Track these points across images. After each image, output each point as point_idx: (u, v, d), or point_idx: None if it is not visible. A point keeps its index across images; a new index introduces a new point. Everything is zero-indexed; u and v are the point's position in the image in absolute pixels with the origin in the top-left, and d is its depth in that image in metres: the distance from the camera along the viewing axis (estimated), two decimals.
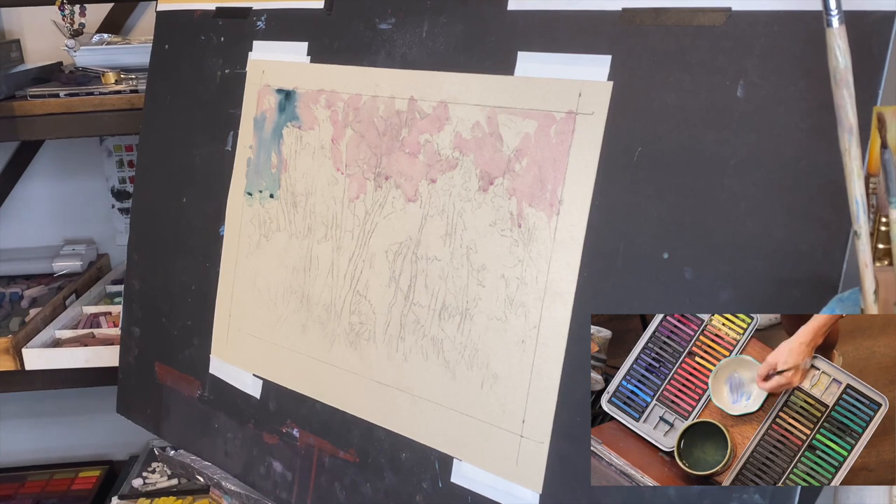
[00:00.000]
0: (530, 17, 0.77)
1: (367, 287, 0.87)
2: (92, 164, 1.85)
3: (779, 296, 0.62)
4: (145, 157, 1.21)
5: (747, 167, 0.64)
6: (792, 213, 0.61)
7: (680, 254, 0.66)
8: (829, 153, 0.59)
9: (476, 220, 0.78)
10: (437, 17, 0.84)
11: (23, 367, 1.46)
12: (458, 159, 0.80)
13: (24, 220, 1.87)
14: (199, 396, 1.05)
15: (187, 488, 1.71)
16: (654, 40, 0.69)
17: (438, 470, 0.80)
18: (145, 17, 1.74)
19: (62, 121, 1.41)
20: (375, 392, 0.85)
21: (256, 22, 1.03)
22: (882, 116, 0.55)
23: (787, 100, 0.62)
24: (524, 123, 0.75)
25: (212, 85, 1.07)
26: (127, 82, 1.45)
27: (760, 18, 0.64)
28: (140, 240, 1.17)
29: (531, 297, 0.74)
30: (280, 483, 0.95)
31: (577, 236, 0.71)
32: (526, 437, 0.73)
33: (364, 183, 0.88)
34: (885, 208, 0.54)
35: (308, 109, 0.94)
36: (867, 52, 0.58)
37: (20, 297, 1.68)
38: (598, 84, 0.71)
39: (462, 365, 0.78)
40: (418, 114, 0.83)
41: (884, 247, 0.56)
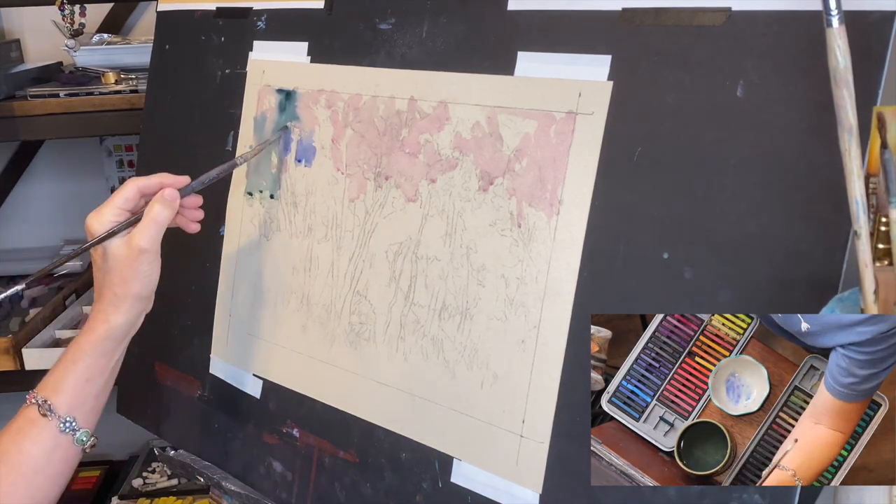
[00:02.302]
0: (530, 17, 0.77)
1: (367, 287, 0.87)
2: (92, 164, 1.85)
3: (779, 296, 0.62)
4: (145, 158, 1.21)
5: (747, 167, 0.64)
6: (792, 213, 0.61)
7: (680, 254, 0.66)
8: (829, 153, 0.59)
9: (476, 220, 0.78)
10: (437, 17, 0.84)
11: (23, 367, 1.46)
12: (458, 159, 0.80)
13: (24, 220, 1.88)
14: (199, 396, 1.05)
15: (187, 488, 1.71)
16: (654, 40, 0.69)
17: (438, 470, 0.80)
18: (145, 17, 1.74)
19: (62, 121, 1.41)
20: (375, 392, 0.85)
21: (256, 22, 1.03)
22: (882, 116, 0.55)
23: (787, 100, 0.62)
24: (524, 123, 0.75)
25: (212, 85, 1.07)
26: (127, 82, 1.46)
27: (760, 18, 0.64)
28: None
29: (531, 297, 0.74)
30: (280, 483, 0.95)
31: (577, 236, 0.71)
32: (526, 437, 0.73)
33: (364, 183, 0.88)
34: (885, 208, 0.54)
35: (308, 109, 0.94)
36: (867, 52, 0.58)
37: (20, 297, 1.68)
38: (598, 84, 0.71)
39: (462, 365, 0.78)
40: (418, 114, 0.84)
41: (884, 247, 0.56)
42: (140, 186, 0.84)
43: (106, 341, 0.82)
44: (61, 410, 0.81)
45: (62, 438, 0.81)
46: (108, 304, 0.82)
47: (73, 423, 0.81)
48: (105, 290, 0.82)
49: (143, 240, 0.80)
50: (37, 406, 0.81)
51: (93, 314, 0.83)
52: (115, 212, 0.82)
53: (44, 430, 0.80)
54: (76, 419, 0.81)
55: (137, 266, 0.80)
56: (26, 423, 0.81)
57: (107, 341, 0.82)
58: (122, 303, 0.81)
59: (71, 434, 0.81)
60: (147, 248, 0.80)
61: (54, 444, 0.81)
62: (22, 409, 0.82)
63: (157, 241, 0.81)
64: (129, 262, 0.80)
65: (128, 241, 0.81)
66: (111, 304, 0.82)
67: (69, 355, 0.82)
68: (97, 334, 0.82)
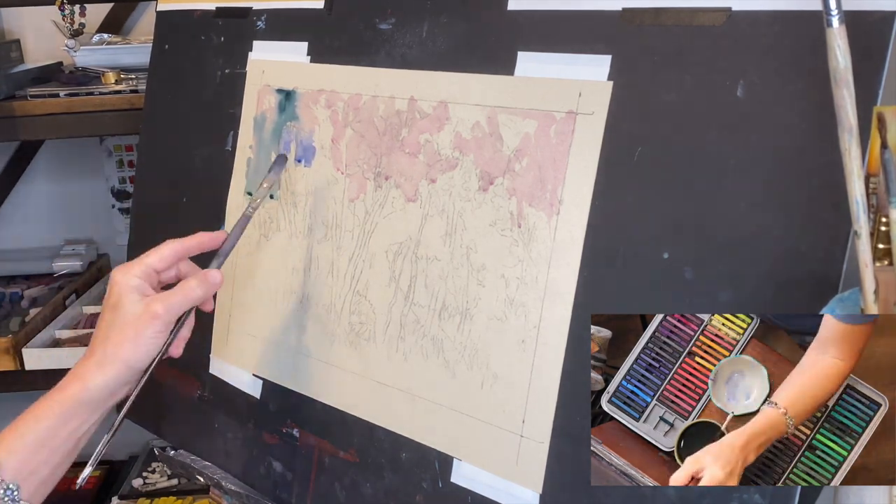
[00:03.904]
0: (530, 17, 0.77)
1: (367, 287, 0.87)
2: (92, 164, 1.85)
3: (779, 296, 0.62)
4: (145, 157, 1.21)
5: (747, 167, 0.64)
6: (792, 213, 0.61)
7: (680, 254, 0.66)
8: (829, 153, 0.59)
9: (476, 220, 0.78)
10: (437, 17, 0.84)
11: (23, 367, 1.46)
12: (458, 159, 0.80)
13: (24, 220, 1.88)
14: (199, 396, 1.05)
15: (187, 488, 1.71)
16: (654, 40, 0.69)
17: (438, 470, 0.80)
18: (145, 17, 1.74)
19: (62, 121, 1.41)
20: (375, 392, 0.85)
21: (256, 22, 1.03)
22: (882, 116, 0.55)
23: (787, 100, 0.62)
24: (524, 123, 0.75)
25: (212, 85, 1.07)
26: (127, 82, 1.46)
27: (760, 18, 0.64)
28: (140, 240, 1.17)
29: (531, 297, 0.74)
30: (280, 483, 0.95)
31: (577, 236, 0.71)
32: (526, 437, 0.73)
33: (364, 183, 0.88)
34: (885, 208, 0.54)
35: (308, 109, 0.94)
36: (867, 52, 0.58)
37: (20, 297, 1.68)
38: (598, 84, 0.71)
39: (462, 365, 0.78)
40: (418, 114, 0.84)
41: (884, 247, 0.56)
42: (178, 250, 0.80)
43: (77, 404, 0.73)
44: (7, 475, 0.70)
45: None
46: (92, 363, 0.74)
47: (14, 493, 0.70)
48: (97, 347, 0.75)
49: (162, 307, 0.75)
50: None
51: (72, 370, 0.75)
52: (145, 271, 0.77)
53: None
54: (20, 489, 0.71)
55: (143, 330, 0.74)
56: None
57: (78, 405, 0.73)
58: (108, 365, 0.74)
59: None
60: (161, 316, 0.74)
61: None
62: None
63: (175, 315, 0.76)
64: (138, 323, 0.74)
65: (147, 303, 0.75)
66: (97, 363, 0.74)
67: (35, 411, 0.73)
68: (70, 393, 0.73)
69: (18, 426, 0.72)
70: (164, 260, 0.79)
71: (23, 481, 0.71)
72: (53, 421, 0.72)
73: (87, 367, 0.74)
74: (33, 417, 0.73)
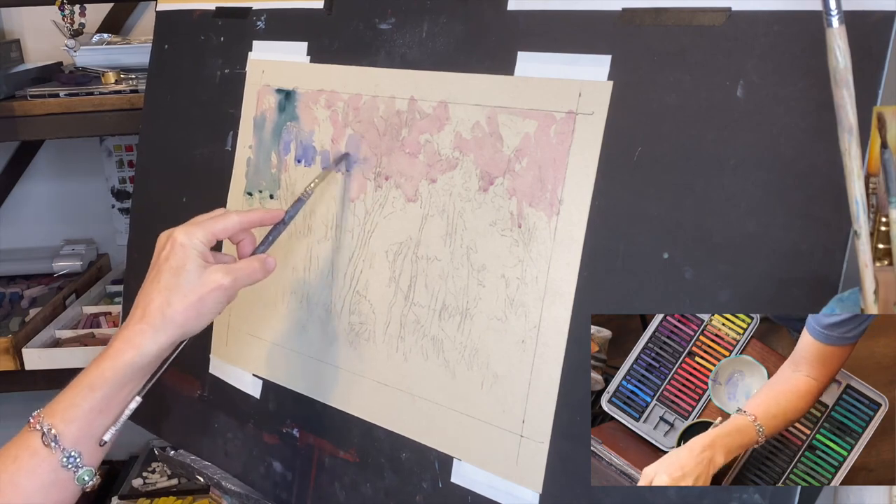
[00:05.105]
0: (530, 17, 0.77)
1: (367, 287, 0.87)
2: (92, 164, 1.85)
3: (779, 296, 0.62)
4: (145, 157, 1.21)
5: (747, 167, 0.64)
6: (792, 213, 0.61)
7: (680, 254, 0.66)
8: (829, 153, 0.59)
9: (476, 220, 0.78)
10: (437, 17, 0.84)
11: (23, 367, 1.46)
12: (459, 159, 0.80)
13: (24, 220, 1.88)
14: (199, 396, 1.05)
15: (187, 488, 1.71)
16: (654, 40, 0.69)
17: (438, 470, 0.80)
18: (145, 17, 1.74)
19: (62, 121, 1.41)
20: (375, 392, 0.85)
21: (256, 22, 1.03)
22: (882, 116, 0.55)
23: (787, 100, 0.62)
24: (524, 123, 0.75)
25: (211, 85, 1.07)
26: (127, 82, 1.46)
27: (760, 18, 0.64)
28: (140, 239, 1.17)
29: (531, 297, 0.74)
30: (280, 483, 0.95)
31: (577, 236, 0.71)
32: (526, 437, 0.73)
33: (364, 183, 0.88)
34: (885, 208, 0.54)
35: (308, 109, 0.94)
36: (867, 52, 0.58)
37: (20, 297, 1.68)
38: (598, 84, 0.71)
39: (462, 365, 0.78)
40: (418, 114, 0.84)
41: (884, 247, 0.56)
42: (243, 222, 0.79)
43: (132, 370, 0.73)
44: (67, 443, 0.71)
45: (63, 474, 0.71)
46: (147, 326, 0.72)
47: (77, 459, 0.72)
48: (153, 310, 0.73)
49: (229, 280, 0.74)
50: (40, 434, 0.71)
51: (122, 335, 0.73)
52: (208, 238, 0.76)
53: (44, 462, 0.71)
54: (81, 455, 0.72)
55: (207, 298, 0.73)
56: (25, 451, 0.71)
57: (133, 371, 0.73)
58: (168, 329, 0.73)
59: (73, 471, 0.72)
60: (226, 288, 0.74)
61: (53, 479, 0.71)
62: (22, 433, 0.73)
63: (238, 289, 0.76)
64: (202, 289, 0.73)
65: (213, 271, 0.74)
66: (151, 326, 0.72)
67: (86, 380, 0.72)
68: (124, 360, 0.72)
69: (73, 396, 0.72)
70: (228, 231, 0.79)
71: (83, 447, 0.72)
72: (108, 389, 0.73)
73: (142, 331, 0.73)
74: (88, 387, 0.72)
